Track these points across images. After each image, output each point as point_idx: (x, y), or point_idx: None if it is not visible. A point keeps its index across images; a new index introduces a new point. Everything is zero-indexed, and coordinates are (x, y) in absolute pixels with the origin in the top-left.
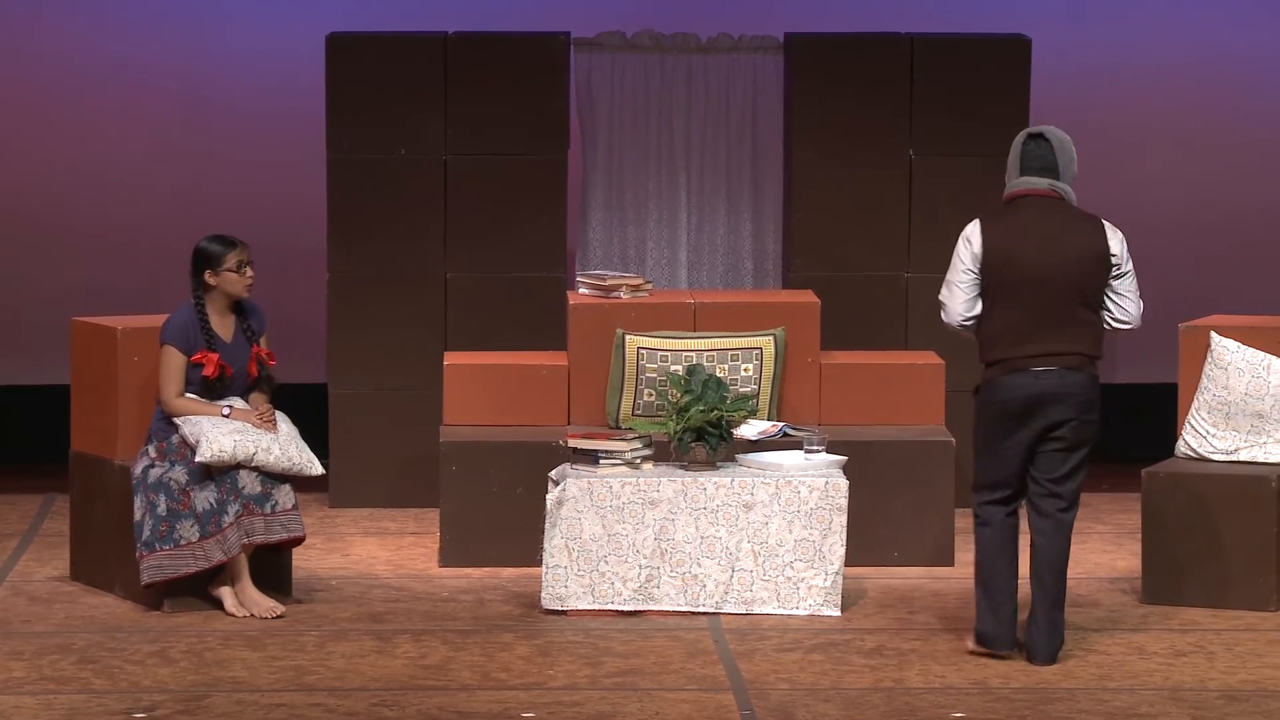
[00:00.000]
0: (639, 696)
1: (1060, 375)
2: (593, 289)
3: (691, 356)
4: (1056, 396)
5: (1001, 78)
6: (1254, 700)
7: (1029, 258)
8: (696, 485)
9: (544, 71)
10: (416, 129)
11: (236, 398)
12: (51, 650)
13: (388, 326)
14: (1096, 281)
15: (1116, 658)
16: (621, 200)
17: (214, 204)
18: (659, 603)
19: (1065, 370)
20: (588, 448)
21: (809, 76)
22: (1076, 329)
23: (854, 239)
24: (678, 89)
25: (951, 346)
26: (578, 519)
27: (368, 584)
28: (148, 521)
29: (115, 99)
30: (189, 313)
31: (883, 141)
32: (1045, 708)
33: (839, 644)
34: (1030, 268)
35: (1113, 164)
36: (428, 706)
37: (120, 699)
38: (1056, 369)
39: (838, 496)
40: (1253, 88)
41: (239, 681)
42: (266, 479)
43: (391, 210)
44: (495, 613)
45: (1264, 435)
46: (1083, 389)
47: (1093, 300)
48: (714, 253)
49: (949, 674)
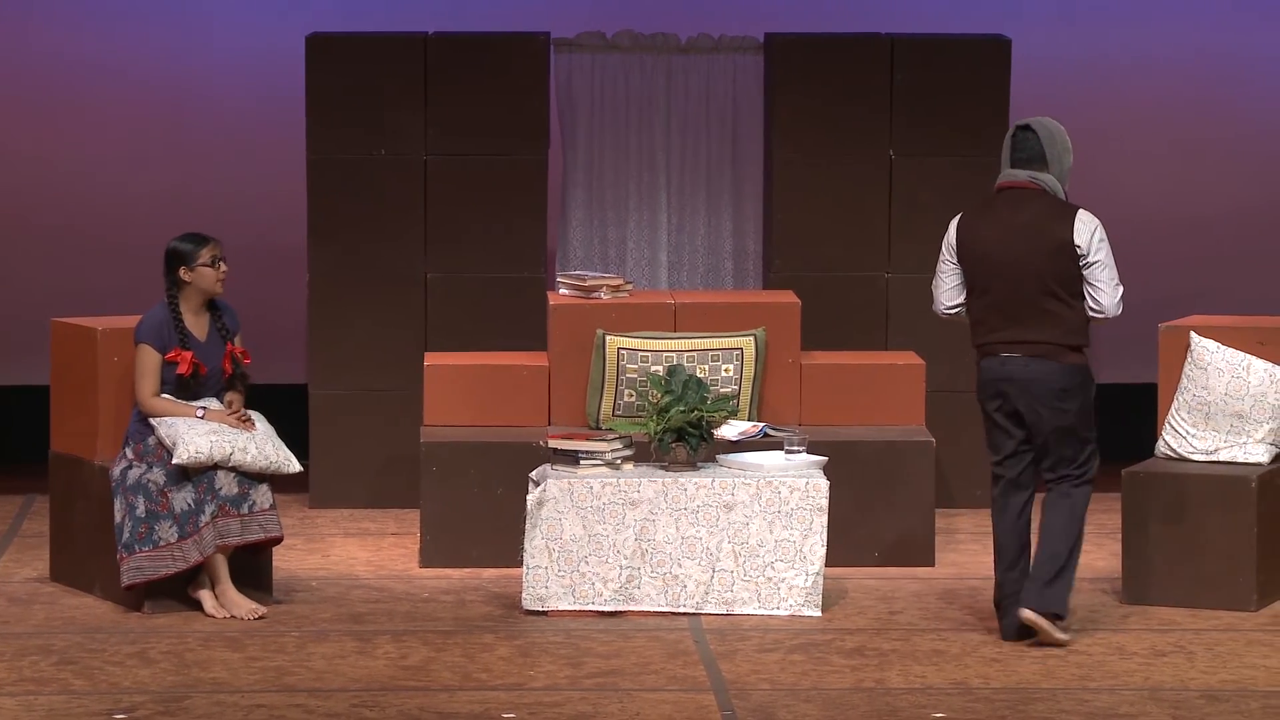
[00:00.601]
0: (619, 697)
1: (1025, 363)
2: (573, 289)
3: (672, 357)
4: (1021, 384)
5: (981, 77)
6: (1234, 700)
7: (996, 249)
8: (677, 486)
9: (524, 72)
10: (396, 129)
11: (212, 398)
12: (31, 651)
13: (368, 327)
14: (1064, 271)
15: (1097, 658)
16: (602, 200)
17: (194, 204)
18: (640, 603)
19: (1030, 359)
20: (568, 448)
21: (789, 77)
22: (1044, 318)
23: (834, 239)
24: (658, 89)
25: (932, 346)
26: (558, 519)
27: (348, 585)
28: (127, 523)
29: (97, 100)
30: (163, 312)
31: (863, 141)
32: (1026, 708)
33: (820, 644)
34: (997, 259)
35: (1092, 163)
36: (408, 707)
37: (100, 700)
38: (1020, 356)
39: (818, 497)
40: (1232, 86)
41: (219, 682)
42: (244, 479)
43: (372, 210)
44: (476, 613)
45: (1243, 435)
46: (1050, 376)
47: (1064, 290)
48: (694, 253)
49: (929, 674)
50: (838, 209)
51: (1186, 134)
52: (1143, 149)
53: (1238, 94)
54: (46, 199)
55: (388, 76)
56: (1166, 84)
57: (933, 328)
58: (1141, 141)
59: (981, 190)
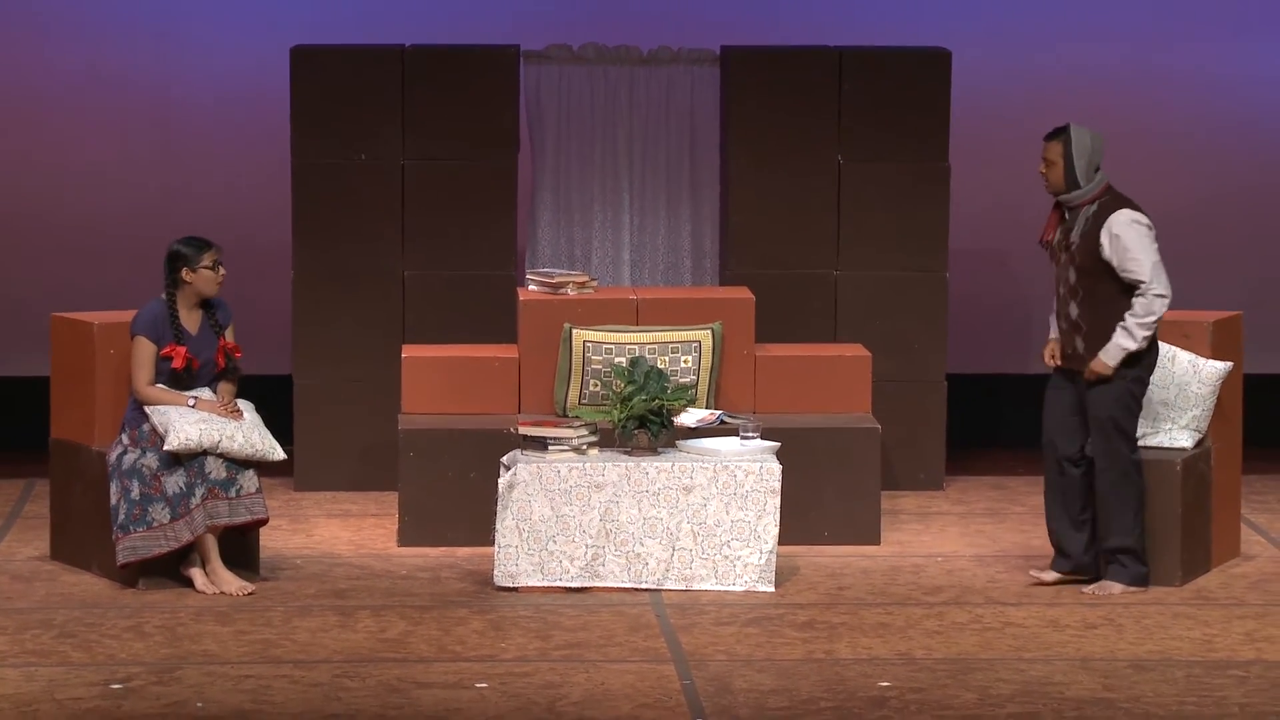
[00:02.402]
0: (586, 668)
1: None
2: (541, 286)
3: (634, 349)
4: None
5: (924, 87)
6: (1160, 669)
7: None
8: (639, 470)
9: (495, 82)
10: (375, 136)
11: (205, 388)
12: (33, 625)
13: (349, 321)
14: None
15: (1032, 630)
16: (568, 203)
17: (185, 207)
18: (604, 580)
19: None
20: (537, 435)
21: (744, 87)
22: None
23: (786, 239)
24: (620, 98)
25: (878, 339)
26: (528, 501)
27: (331, 563)
28: (123, 506)
29: (91, 107)
30: (159, 307)
31: (813, 148)
32: (965, 677)
33: (773, 618)
34: None
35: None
36: (387, 677)
37: (98, 671)
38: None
39: (771, 480)
40: (1160, 94)
41: (210, 654)
42: (231, 465)
43: (352, 212)
44: (451, 589)
45: (1169, 422)
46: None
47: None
48: (655, 252)
49: (876, 646)
50: (789, 210)
51: (1116, 142)
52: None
53: (1166, 100)
54: (46, 202)
55: (367, 86)
56: (1097, 93)
57: (878, 322)
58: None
59: (926, 193)
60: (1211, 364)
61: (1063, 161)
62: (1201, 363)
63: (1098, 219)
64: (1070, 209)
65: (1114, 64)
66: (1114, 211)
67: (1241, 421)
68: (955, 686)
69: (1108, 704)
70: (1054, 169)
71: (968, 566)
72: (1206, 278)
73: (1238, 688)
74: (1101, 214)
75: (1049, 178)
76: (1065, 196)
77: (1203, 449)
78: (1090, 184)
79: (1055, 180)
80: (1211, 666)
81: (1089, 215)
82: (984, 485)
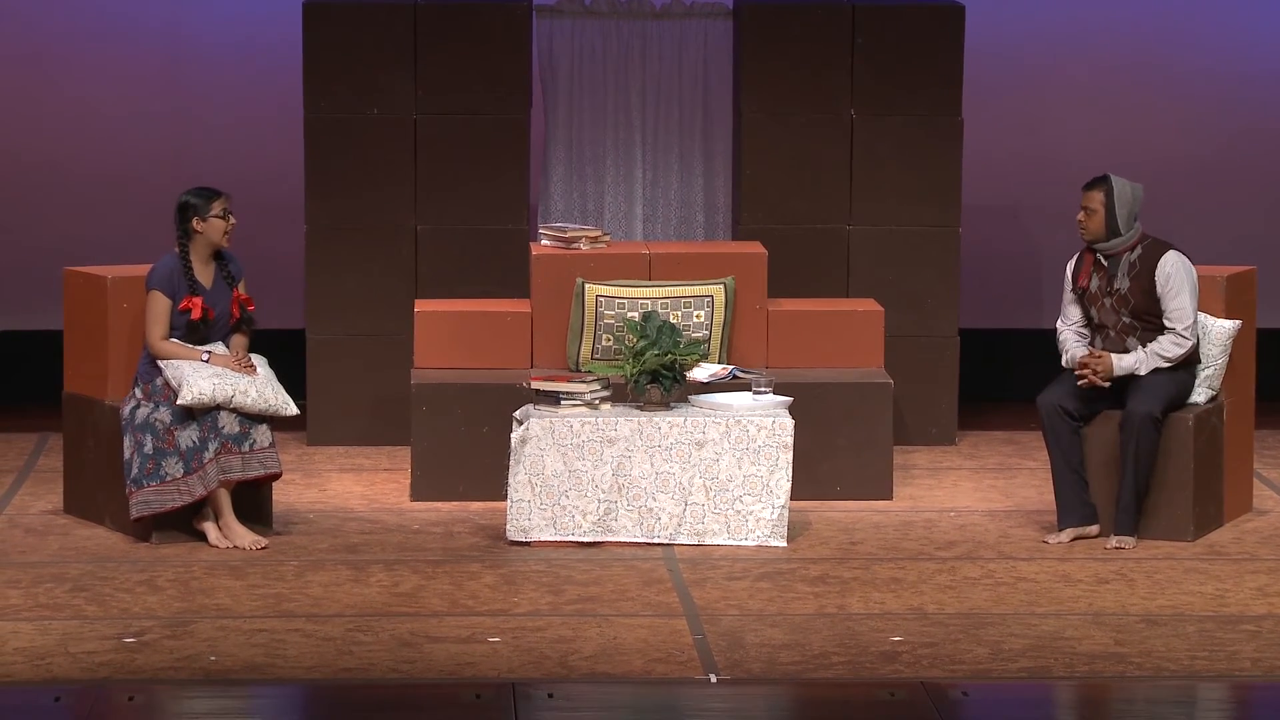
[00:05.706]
0: (598, 622)
1: None
2: (554, 240)
3: (647, 304)
4: None
5: (936, 42)
6: (1171, 624)
7: None
8: (651, 424)
9: (508, 36)
10: (388, 90)
11: (219, 342)
12: (47, 579)
13: (362, 275)
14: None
15: (1044, 585)
16: (581, 157)
17: (197, 161)
18: (616, 534)
19: None
20: (549, 389)
21: (757, 41)
22: None
23: (799, 193)
24: (633, 53)
25: (890, 294)
26: (540, 456)
27: (343, 517)
28: (136, 460)
29: (103, 60)
30: (174, 261)
31: (826, 102)
32: (978, 631)
33: (785, 573)
34: None
35: (1038, 125)
36: (400, 632)
37: (111, 624)
38: None
39: (784, 435)
40: (1166, 51)
41: (223, 608)
42: (244, 419)
43: (365, 166)
44: (463, 544)
45: None
46: None
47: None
48: (668, 206)
49: (888, 600)
50: (802, 165)
51: (1129, 95)
52: (1082, 111)
53: (1181, 52)
54: (58, 157)
55: (380, 41)
56: (1111, 46)
57: (891, 276)
58: (1080, 105)
59: (939, 148)
60: (1220, 323)
61: (1104, 211)
62: (1211, 322)
63: (1146, 261)
64: (1109, 256)
65: (1128, 16)
66: (1165, 252)
67: (1254, 376)
68: (967, 641)
69: (1119, 658)
70: (1094, 217)
71: (980, 521)
72: (1222, 230)
73: (1249, 642)
74: (1149, 256)
75: (1088, 225)
76: (1103, 245)
77: (1215, 404)
78: (1130, 232)
79: (1095, 228)
80: (1223, 621)
81: (1132, 260)
82: (996, 440)
